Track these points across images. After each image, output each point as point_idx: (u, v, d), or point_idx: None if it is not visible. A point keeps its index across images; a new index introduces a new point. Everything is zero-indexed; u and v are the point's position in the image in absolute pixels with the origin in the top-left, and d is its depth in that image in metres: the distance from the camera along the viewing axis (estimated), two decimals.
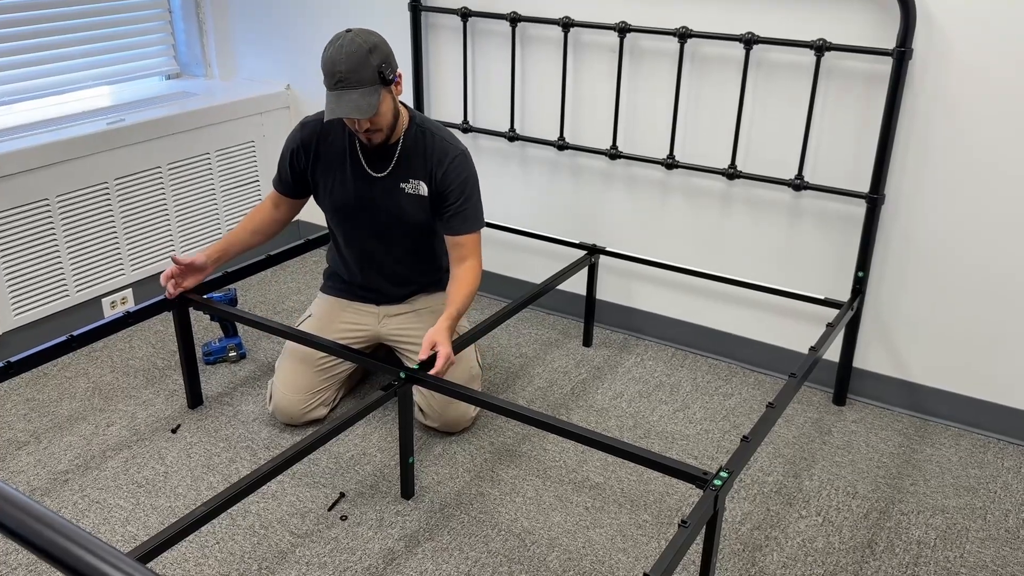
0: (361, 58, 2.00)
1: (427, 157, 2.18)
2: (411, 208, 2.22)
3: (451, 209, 2.20)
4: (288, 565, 1.91)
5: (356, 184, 2.22)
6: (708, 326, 2.78)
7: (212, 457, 2.27)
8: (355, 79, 2.00)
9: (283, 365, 2.35)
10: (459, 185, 2.19)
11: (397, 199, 2.21)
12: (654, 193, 2.73)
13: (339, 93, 2.02)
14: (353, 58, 2.00)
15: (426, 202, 2.21)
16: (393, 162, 2.19)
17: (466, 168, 2.20)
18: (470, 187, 2.22)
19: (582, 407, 2.52)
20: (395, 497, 2.13)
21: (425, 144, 2.19)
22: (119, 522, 2.03)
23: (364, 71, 2.01)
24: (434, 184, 2.19)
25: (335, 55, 2.02)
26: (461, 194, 2.19)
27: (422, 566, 1.91)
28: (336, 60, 2.01)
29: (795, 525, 2.06)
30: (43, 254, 2.70)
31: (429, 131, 2.21)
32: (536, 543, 1.99)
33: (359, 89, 2.01)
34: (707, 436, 2.40)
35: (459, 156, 2.19)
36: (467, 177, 2.20)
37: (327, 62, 2.04)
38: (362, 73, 2.00)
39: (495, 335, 2.90)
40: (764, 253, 2.60)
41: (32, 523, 0.78)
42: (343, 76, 2.00)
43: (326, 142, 2.24)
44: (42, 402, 2.50)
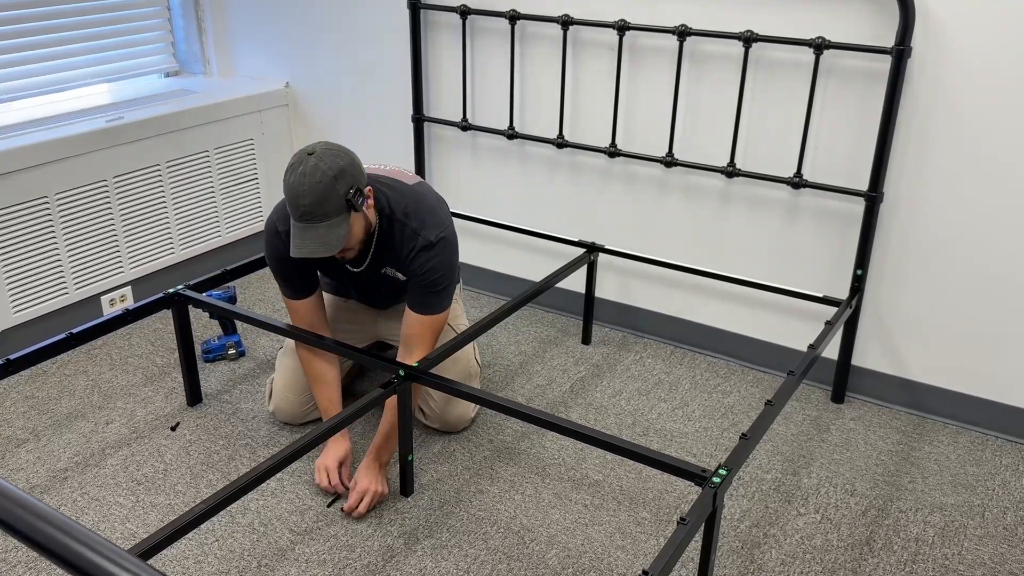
0: (326, 188, 1.82)
1: (397, 248, 2.06)
2: (397, 284, 2.17)
3: (415, 287, 2.07)
4: (288, 562, 1.91)
5: (341, 275, 2.21)
6: (707, 324, 2.78)
7: (211, 455, 2.27)
8: (320, 212, 1.83)
9: (283, 364, 2.35)
10: (425, 272, 2.04)
11: (383, 280, 2.18)
12: (653, 191, 2.73)
13: (303, 227, 1.86)
14: (317, 188, 1.82)
15: (404, 284, 2.16)
16: (368, 259, 2.10)
17: (433, 257, 2.03)
18: (436, 274, 2.04)
19: (581, 405, 2.52)
20: (394, 494, 2.13)
21: (394, 234, 2.05)
22: (119, 519, 2.03)
23: (330, 203, 1.83)
24: (407, 272, 2.08)
25: (298, 186, 1.83)
26: (426, 280, 2.05)
27: (421, 563, 1.92)
28: (299, 193, 1.83)
29: (794, 523, 2.07)
30: (42, 252, 2.70)
31: (400, 221, 2.04)
32: (535, 540, 1.99)
33: (325, 222, 1.85)
34: (706, 434, 2.40)
35: (426, 246, 2.02)
36: (434, 266, 2.03)
37: (290, 192, 1.85)
38: (327, 205, 1.83)
39: (494, 333, 2.90)
40: (763, 251, 2.60)
41: (33, 520, 0.78)
42: (308, 210, 1.83)
43: None
44: (41, 400, 2.50)
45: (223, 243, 3.29)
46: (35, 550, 0.78)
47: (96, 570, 0.74)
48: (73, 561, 0.75)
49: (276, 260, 2.13)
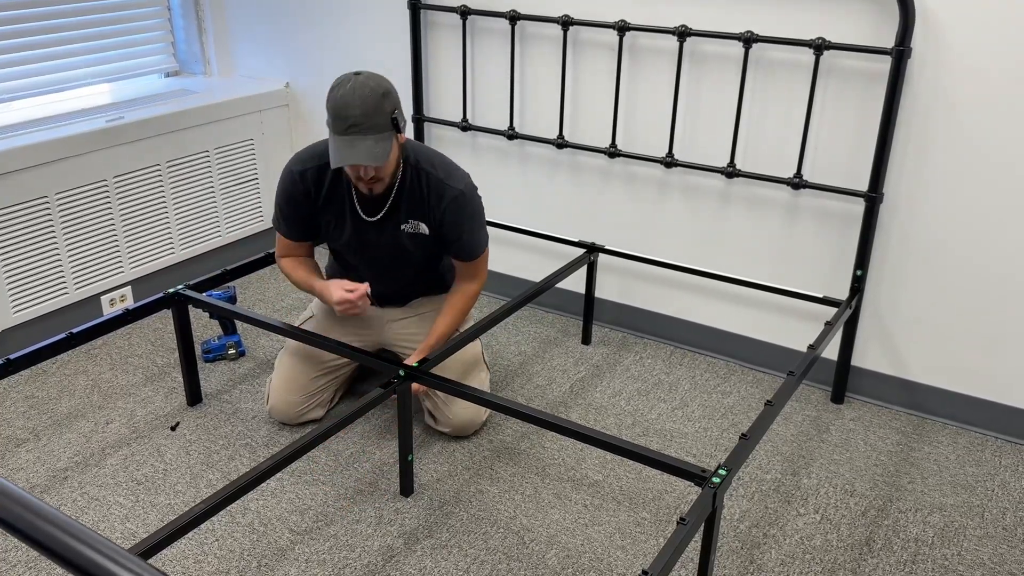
0: (376, 102, 1.90)
1: (424, 199, 2.12)
2: (412, 246, 2.20)
3: (453, 245, 2.20)
4: (287, 562, 1.91)
5: (355, 227, 2.18)
6: (707, 324, 2.79)
7: (211, 455, 2.27)
8: (369, 124, 1.89)
9: (282, 363, 2.35)
10: (458, 225, 2.14)
11: (397, 239, 2.18)
12: (653, 191, 2.73)
13: (350, 139, 1.90)
14: (368, 101, 1.89)
15: (428, 240, 2.19)
16: (387, 207, 2.13)
17: (466, 207, 2.13)
18: (470, 223, 2.16)
19: (581, 405, 2.52)
20: (394, 495, 2.13)
21: (422, 185, 2.11)
22: (118, 519, 2.03)
23: (378, 116, 1.90)
24: (435, 223, 2.15)
25: (348, 97, 1.89)
26: (461, 232, 2.16)
27: (421, 563, 1.92)
28: (349, 103, 1.88)
29: (793, 523, 2.07)
30: (42, 252, 2.70)
31: (425, 170, 2.11)
32: (535, 540, 1.99)
33: (373, 136, 1.90)
34: (705, 434, 2.40)
35: (458, 196, 2.11)
36: (467, 216, 2.14)
37: (338, 105, 1.90)
38: (376, 118, 1.90)
39: (494, 333, 2.91)
40: (763, 251, 2.61)
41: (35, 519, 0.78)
42: (356, 121, 1.88)
43: (323, 188, 2.16)
44: (41, 399, 2.50)
45: (223, 243, 3.29)
46: (37, 550, 0.78)
47: (97, 569, 0.74)
48: (74, 560, 0.76)
49: (288, 200, 2.18)
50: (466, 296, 2.28)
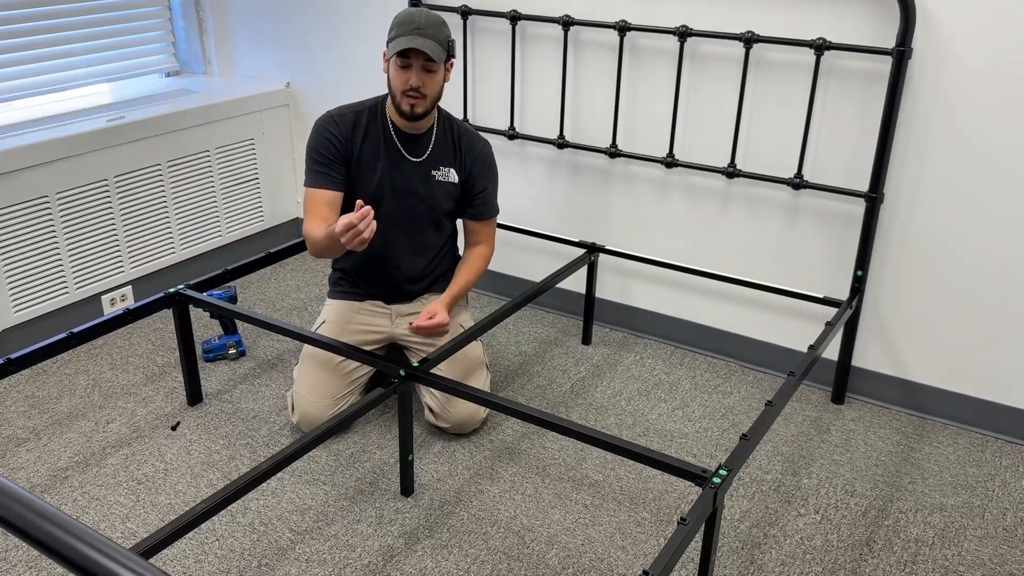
0: (438, 21, 2.13)
1: (457, 146, 2.30)
2: (440, 194, 2.30)
3: (478, 197, 2.34)
4: (288, 562, 1.91)
5: (391, 170, 2.26)
6: (707, 324, 2.79)
7: (212, 454, 2.27)
8: (432, 32, 2.08)
9: (305, 373, 2.31)
10: (486, 173, 2.34)
11: (428, 185, 2.29)
12: (654, 191, 2.73)
13: (414, 36, 2.07)
14: (432, 18, 2.11)
15: (456, 189, 2.32)
16: (430, 148, 2.27)
17: (491, 158, 2.36)
18: (494, 175, 2.38)
19: (581, 405, 2.52)
20: (395, 494, 2.13)
21: (454, 134, 2.31)
22: (119, 519, 2.03)
23: (440, 32, 2.11)
24: (464, 172, 2.31)
25: (414, 11, 2.12)
26: (488, 181, 2.35)
27: (421, 563, 1.92)
28: (415, 14, 2.11)
29: (794, 523, 2.07)
30: (43, 251, 2.70)
31: (456, 122, 2.33)
32: (535, 540, 1.99)
33: (433, 41, 2.08)
34: (706, 434, 2.40)
35: (485, 146, 2.35)
36: (493, 166, 2.37)
37: (405, 14, 2.12)
38: (437, 33, 2.10)
39: (494, 333, 2.91)
40: (763, 251, 2.61)
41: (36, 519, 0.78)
42: (422, 26, 2.08)
43: (359, 133, 2.24)
44: (42, 399, 2.50)
45: (224, 243, 3.29)
46: (38, 549, 0.78)
47: (98, 568, 0.74)
48: (75, 560, 0.76)
49: (323, 144, 2.21)
50: (480, 257, 2.38)
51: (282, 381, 2.61)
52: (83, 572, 0.75)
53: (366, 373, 2.35)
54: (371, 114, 2.26)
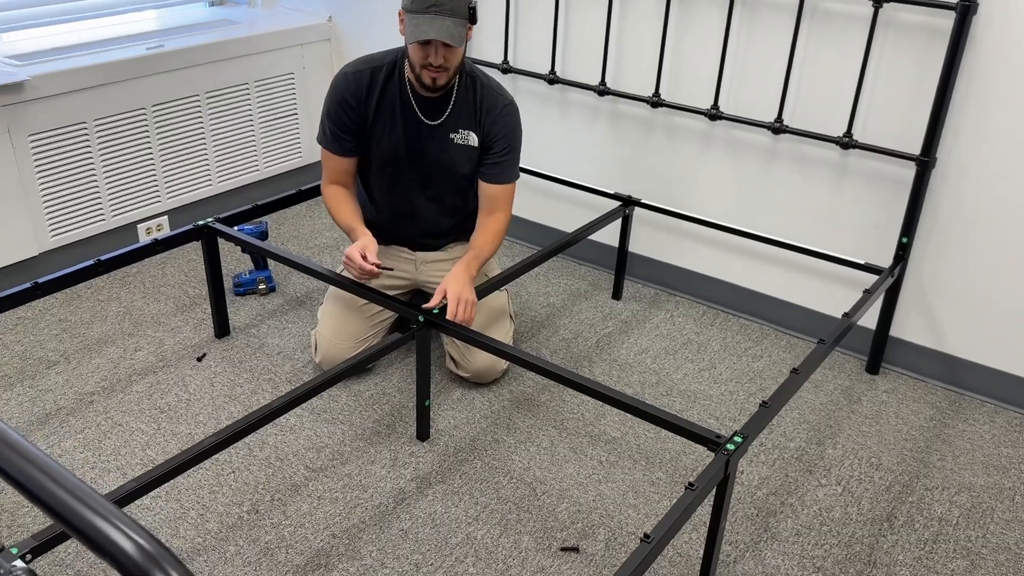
0: None
1: (477, 106, 2.16)
2: (460, 159, 2.19)
3: (493, 158, 2.18)
4: (300, 498, 1.93)
5: (407, 134, 2.16)
6: (742, 285, 2.71)
7: (235, 387, 2.29)
8: (450, 7, 1.94)
9: (329, 313, 2.31)
10: (506, 135, 2.18)
11: (447, 149, 2.18)
12: (695, 145, 2.64)
13: (431, 17, 1.93)
14: None
15: (475, 153, 2.19)
16: (448, 111, 2.15)
17: (513, 119, 2.19)
18: (514, 139, 2.21)
19: (606, 360, 2.48)
20: (410, 438, 2.13)
21: (475, 94, 2.16)
22: (139, 446, 2.07)
23: (459, 2, 1.95)
24: (482, 136, 2.17)
25: None
26: (505, 145, 2.18)
27: (431, 508, 1.92)
28: None
29: (813, 493, 2.02)
30: (80, 177, 2.72)
31: (480, 80, 2.17)
32: (547, 493, 1.98)
33: (452, 18, 1.94)
34: (731, 398, 2.35)
35: (508, 106, 2.18)
36: (514, 128, 2.20)
37: None
38: (457, 3, 1.94)
39: (524, 283, 2.87)
40: (806, 213, 2.51)
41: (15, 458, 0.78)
42: (439, 1, 1.93)
43: (374, 93, 2.14)
44: (74, 324, 2.54)
45: (261, 177, 3.28)
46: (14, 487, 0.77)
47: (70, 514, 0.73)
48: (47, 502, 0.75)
49: (339, 104, 2.14)
50: (499, 223, 2.23)
51: (309, 319, 2.62)
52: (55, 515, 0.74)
53: (390, 317, 2.34)
54: (388, 72, 2.13)
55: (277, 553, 1.79)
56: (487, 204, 2.23)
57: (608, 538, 1.86)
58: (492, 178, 2.20)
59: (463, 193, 2.27)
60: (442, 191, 2.25)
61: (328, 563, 1.77)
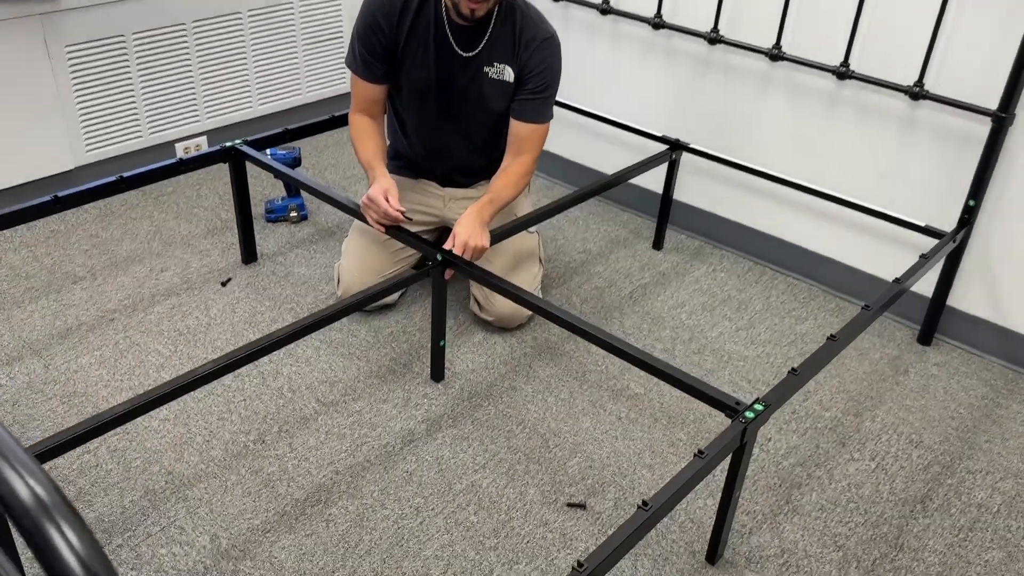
0: None
1: (516, 38, 2.00)
2: (493, 94, 2.06)
3: (527, 94, 2.04)
4: (308, 432, 1.90)
5: (439, 65, 2.04)
6: (792, 242, 2.55)
7: (256, 315, 2.26)
8: None
9: (353, 246, 2.25)
10: (542, 71, 2.03)
11: (480, 83, 2.05)
12: (753, 87, 2.46)
13: None
14: None
15: (509, 88, 2.05)
16: (484, 42, 2.01)
17: (553, 55, 2.04)
18: (551, 76, 2.05)
19: (638, 313, 2.37)
20: (426, 379, 2.07)
21: (514, 24, 2.01)
22: (153, 367, 2.06)
23: None
24: (518, 67, 2.03)
25: None
26: (541, 81, 2.03)
27: (439, 452, 1.86)
28: None
29: (843, 467, 1.90)
30: (117, 92, 2.68)
31: (520, 10, 2.01)
32: (559, 446, 1.90)
33: None
34: (766, 360, 2.22)
35: (548, 40, 2.02)
36: (552, 64, 2.04)
37: None
38: None
39: (560, 226, 2.76)
40: (867, 167, 2.33)
41: None
42: None
43: (407, 16, 2.01)
44: (105, 240, 2.54)
45: (304, 102, 3.21)
46: None
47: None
48: None
49: (370, 27, 2.01)
50: (523, 166, 2.09)
51: (337, 250, 2.56)
52: None
53: (415, 253, 2.26)
54: (422, 1, 1.99)
55: (278, 485, 1.76)
56: (514, 144, 2.09)
57: (618, 497, 1.78)
58: (523, 116, 2.06)
59: (496, 131, 2.15)
60: (473, 128, 2.14)
61: (328, 499, 1.73)
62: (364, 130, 2.11)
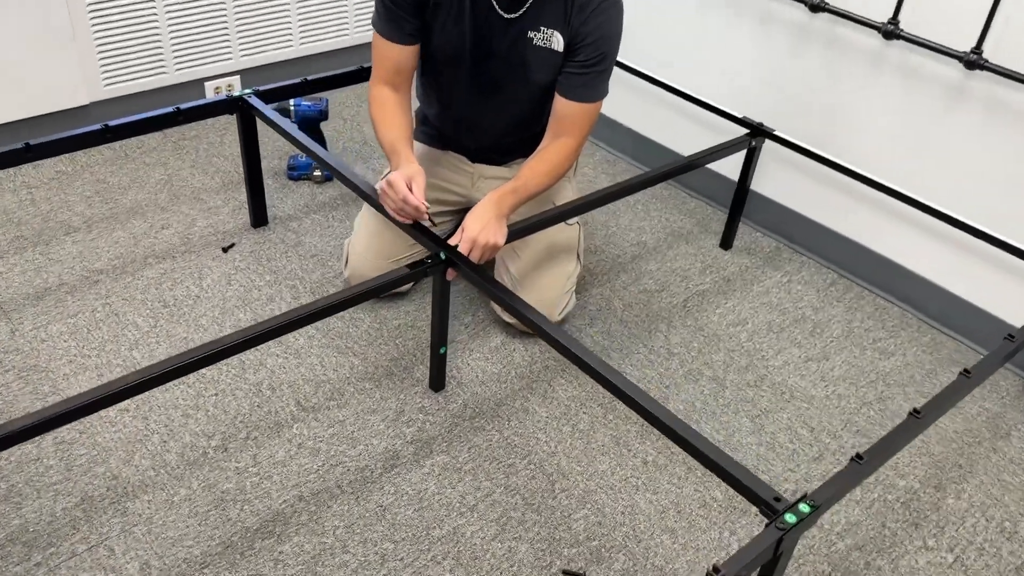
0: None
1: (567, 2, 1.64)
2: (536, 63, 1.71)
3: (577, 67, 1.68)
4: (278, 442, 1.64)
5: (475, 27, 1.69)
6: (889, 257, 2.14)
7: (251, 291, 2.01)
8: None
9: (365, 224, 1.95)
10: (599, 40, 1.66)
11: (521, 51, 1.70)
12: (860, 68, 2.04)
13: None
14: None
15: (558, 58, 1.70)
16: (530, 1, 1.65)
17: (613, 22, 1.67)
18: (608, 46, 1.68)
19: (689, 326, 2.02)
20: (425, 388, 1.79)
21: None
22: (127, 343, 1.83)
23: None
24: (570, 33, 1.67)
25: None
26: (596, 52, 1.67)
27: (423, 484, 1.59)
28: None
29: (912, 557, 1.54)
30: (140, 20, 2.43)
31: None
32: (567, 492, 1.60)
33: None
34: (836, 403, 1.85)
35: (609, 3, 1.65)
36: (610, 33, 1.67)
37: None
38: None
39: (614, 210, 2.40)
40: (992, 179, 1.89)
41: None
42: None
43: None
44: (111, 187, 2.32)
45: (352, 43, 2.91)
46: None
47: None
48: None
49: None
50: (563, 152, 1.74)
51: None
52: None
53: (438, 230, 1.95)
54: None
55: (231, 508, 1.52)
56: (556, 124, 1.74)
57: (626, 569, 1.47)
58: (571, 92, 1.70)
59: (540, 106, 1.80)
60: (512, 103, 1.80)
61: (283, 533, 1.48)
62: (388, 106, 1.75)
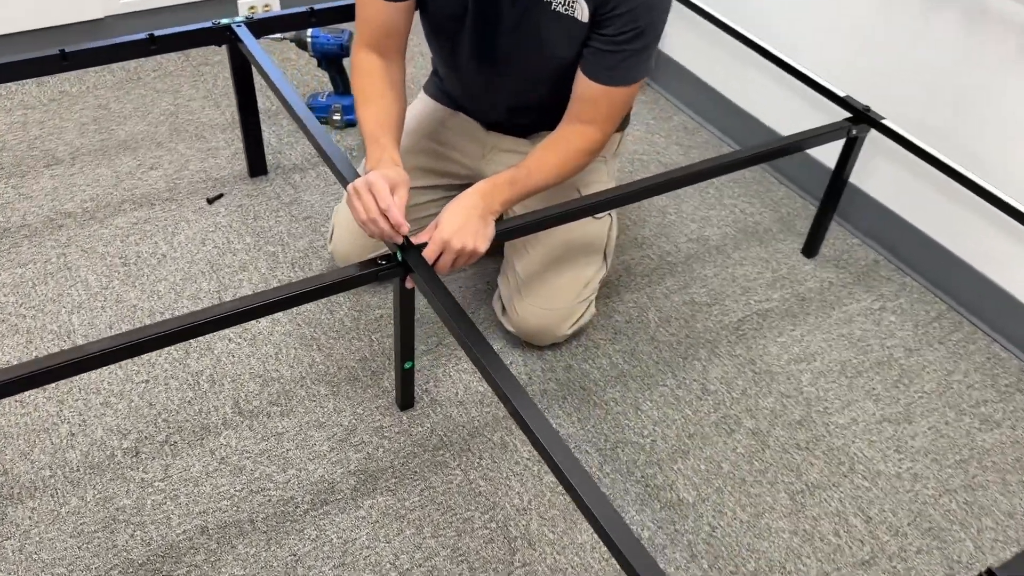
0: None
1: None
2: (555, 36, 1.31)
3: (604, 41, 1.29)
4: (199, 453, 1.38)
5: None
6: (1019, 298, 1.65)
7: (223, 255, 1.73)
8: None
9: None
10: (633, 10, 1.25)
11: (536, 19, 1.31)
12: (1005, 48, 1.53)
13: None
14: None
15: (582, 30, 1.30)
16: None
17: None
18: (648, 20, 1.27)
19: (737, 357, 1.61)
20: (390, 403, 1.48)
21: None
22: (70, 305, 1.60)
23: None
24: (597, 6, 1.26)
25: None
26: (629, 26, 1.26)
27: (353, 531, 1.29)
28: None
29: None
30: None
31: None
32: (527, 568, 1.27)
33: None
34: (911, 486, 1.42)
35: None
36: (651, 3, 1.26)
37: None
38: None
39: (683, 196, 1.98)
40: None
41: None
42: None
43: None
44: (111, 114, 2.09)
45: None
46: None
47: None
48: None
49: None
50: (583, 143, 1.36)
51: None
52: None
53: (428, 215, 1.60)
54: None
55: (120, 532, 1.27)
56: (576, 106, 1.36)
57: None
58: (595, 73, 1.31)
59: (563, 83, 1.38)
60: (526, 80, 1.42)
61: (170, 574, 1.22)
62: (374, 78, 1.37)
